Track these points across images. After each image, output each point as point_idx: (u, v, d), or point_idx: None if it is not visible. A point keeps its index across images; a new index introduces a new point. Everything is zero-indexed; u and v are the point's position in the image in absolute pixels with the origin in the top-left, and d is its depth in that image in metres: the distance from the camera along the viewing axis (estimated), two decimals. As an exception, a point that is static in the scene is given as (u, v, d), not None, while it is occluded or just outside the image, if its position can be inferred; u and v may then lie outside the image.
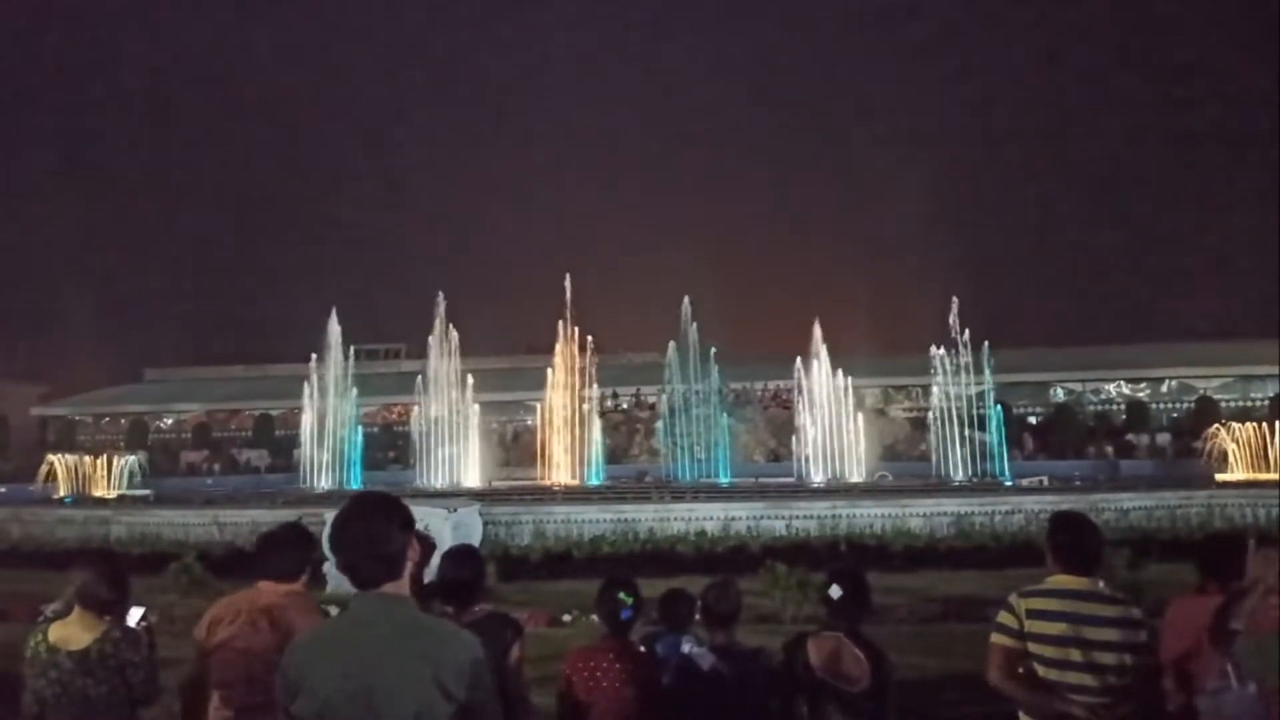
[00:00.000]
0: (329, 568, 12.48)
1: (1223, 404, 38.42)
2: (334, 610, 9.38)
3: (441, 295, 25.61)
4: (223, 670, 3.78)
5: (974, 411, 24.57)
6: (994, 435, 24.17)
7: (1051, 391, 43.63)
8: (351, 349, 27.05)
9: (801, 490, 20.02)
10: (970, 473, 23.62)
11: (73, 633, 3.75)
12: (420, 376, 26.62)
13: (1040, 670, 3.56)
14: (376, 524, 2.53)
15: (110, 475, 24.23)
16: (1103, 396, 44.03)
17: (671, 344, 26.23)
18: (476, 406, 25.57)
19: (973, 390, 24.92)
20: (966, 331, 24.79)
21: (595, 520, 13.88)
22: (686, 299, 25.56)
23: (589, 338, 25.99)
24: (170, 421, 49.89)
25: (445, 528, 11.24)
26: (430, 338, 25.96)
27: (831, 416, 24.25)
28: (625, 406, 34.60)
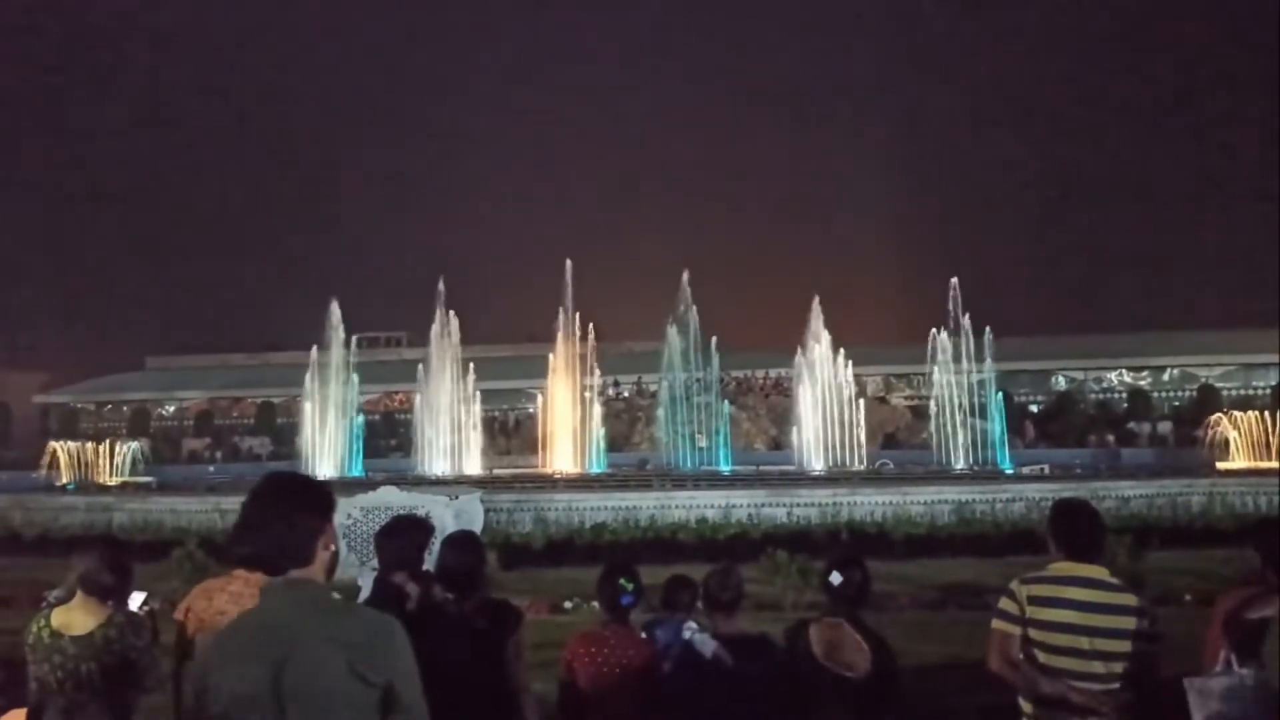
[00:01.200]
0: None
1: (1224, 392, 38.41)
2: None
3: (442, 283, 25.58)
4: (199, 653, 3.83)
5: (975, 399, 24.55)
6: (995, 423, 24.16)
7: (1053, 380, 43.65)
8: (354, 337, 27.03)
9: (803, 478, 20.03)
10: (971, 461, 23.62)
11: (76, 618, 3.77)
12: (421, 364, 26.61)
13: (1041, 657, 3.57)
14: (281, 508, 2.39)
15: (112, 462, 24.28)
16: (1104, 385, 44.05)
17: (672, 329, 26.16)
18: (478, 394, 25.57)
19: (974, 378, 24.90)
20: (967, 317, 24.75)
21: (597, 508, 13.91)
22: (685, 274, 25.39)
23: (590, 325, 25.96)
24: (172, 409, 49.98)
25: (447, 515, 11.28)
26: (432, 326, 25.93)
27: (832, 404, 24.23)
28: (626, 395, 34.60)
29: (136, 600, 4.06)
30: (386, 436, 37.52)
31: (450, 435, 24.68)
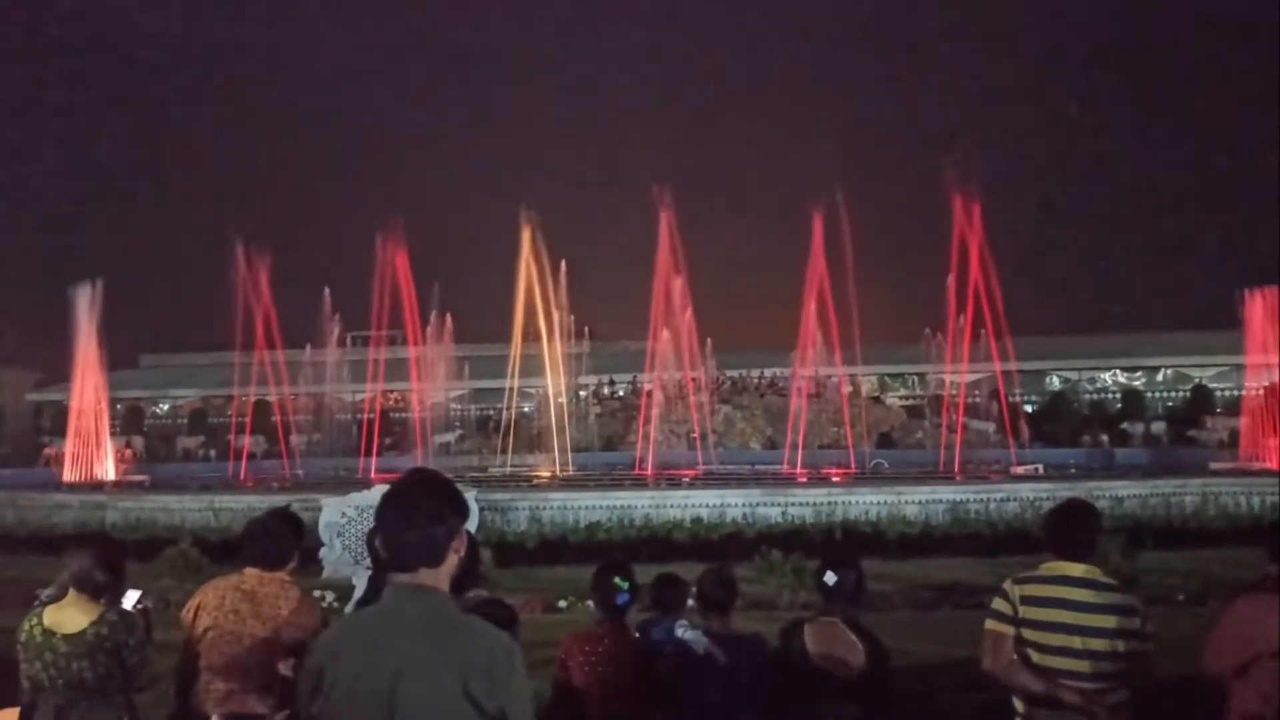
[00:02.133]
0: (325, 552, 12.55)
1: (1218, 393, 38.50)
2: (329, 595, 9.40)
3: (437, 285, 25.57)
4: (211, 655, 3.81)
5: (969, 399, 24.56)
6: (990, 423, 24.17)
7: (1047, 380, 43.72)
8: (349, 336, 27.01)
9: (797, 477, 20.04)
10: (965, 461, 23.63)
11: (68, 616, 3.75)
12: (415, 363, 26.59)
13: (1034, 656, 3.58)
14: (422, 503, 2.34)
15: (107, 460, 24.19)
16: (1098, 385, 44.15)
17: (666, 333, 26.13)
18: (472, 392, 25.55)
19: (968, 378, 24.91)
20: (962, 318, 24.79)
21: (591, 507, 13.89)
22: (680, 280, 25.35)
23: (585, 327, 25.94)
24: (166, 407, 49.85)
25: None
26: (426, 324, 25.93)
27: (828, 404, 24.23)
28: (621, 394, 34.59)
29: (131, 599, 4.05)
30: (382, 435, 37.43)
31: (444, 434, 24.64)
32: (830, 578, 3.94)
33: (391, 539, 2.35)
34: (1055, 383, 43.89)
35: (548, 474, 22.12)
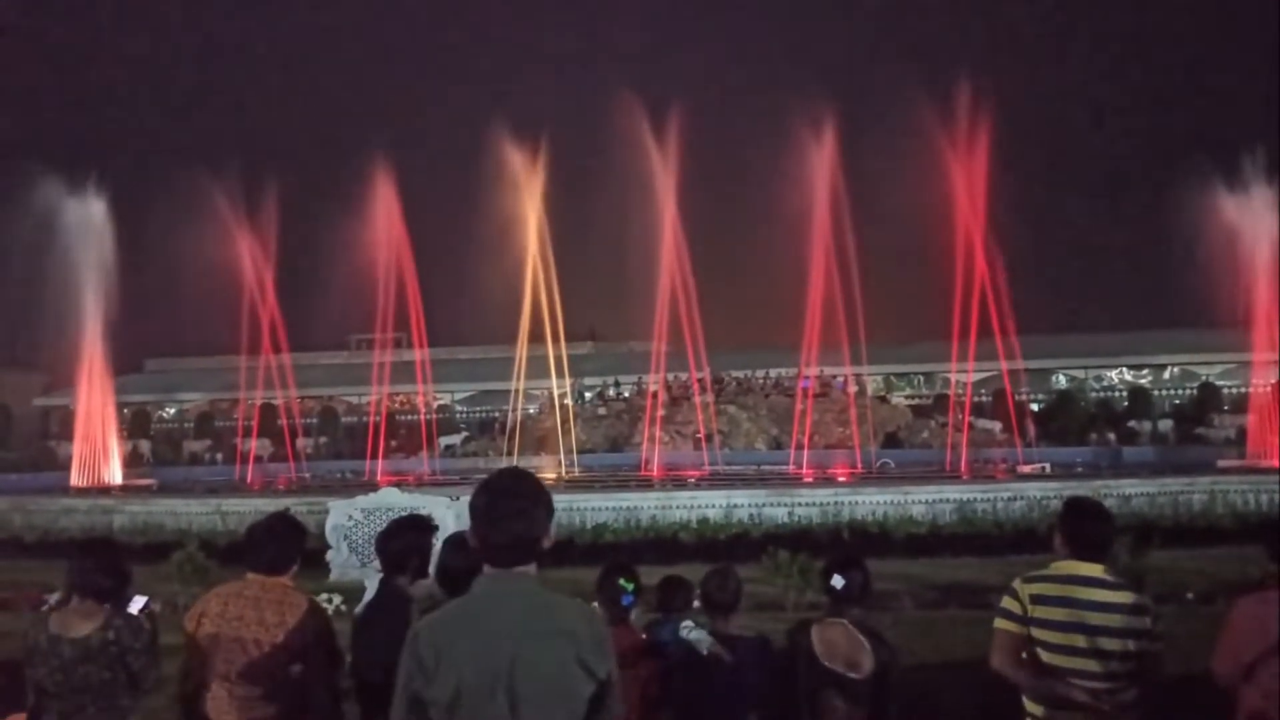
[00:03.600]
0: (332, 555, 12.55)
1: (1225, 390, 38.38)
2: (336, 598, 9.40)
3: (441, 284, 25.59)
4: (217, 662, 3.80)
5: (976, 398, 24.51)
6: (996, 422, 24.10)
7: (1054, 378, 43.59)
8: (353, 339, 27.06)
9: (803, 478, 20.02)
10: (972, 460, 23.59)
11: (73, 621, 3.76)
12: (420, 365, 26.64)
13: (1044, 656, 3.56)
14: (523, 504, 2.44)
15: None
16: (1105, 383, 44.00)
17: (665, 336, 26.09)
18: (477, 394, 25.58)
19: (975, 377, 24.86)
20: (968, 317, 24.71)
21: (597, 508, 13.89)
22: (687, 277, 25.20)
23: (592, 327, 25.94)
24: (172, 411, 49.95)
25: (448, 516, 11.25)
26: (429, 327, 25.96)
27: (833, 404, 24.19)
28: (627, 395, 34.60)
29: (137, 604, 4.05)
30: (388, 437, 37.46)
31: (450, 435, 24.65)
32: (838, 580, 3.93)
33: (493, 540, 2.43)
34: (1062, 381, 43.76)
35: (553, 476, 22.13)
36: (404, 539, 4.09)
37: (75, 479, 22.15)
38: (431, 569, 4.09)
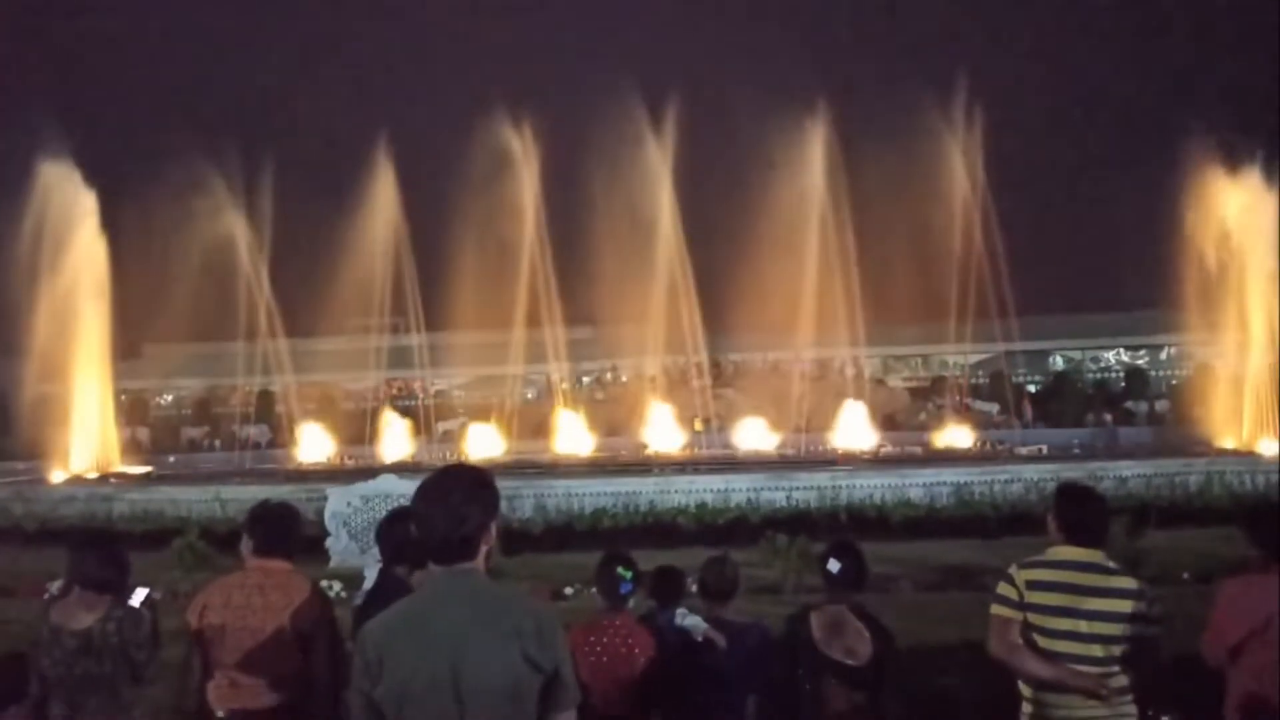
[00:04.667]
0: (331, 542, 12.58)
1: (1221, 371, 38.37)
2: (336, 585, 9.44)
3: (443, 267, 25.50)
4: (222, 651, 3.81)
5: (973, 380, 24.53)
6: (994, 404, 24.13)
7: (1050, 359, 43.57)
8: (351, 323, 26.97)
9: (801, 461, 20.04)
10: (970, 442, 23.61)
11: (74, 612, 3.77)
12: (419, 350, 26.58)
13: (1040, 641, 3.58)
14: (455, 504, 2.44)
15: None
16: (1101, 364, 44.00)
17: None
18: (476, 379, 25.57)
19: (972, 359, 24.87)
20: (968, 298, 24.68)
21: (596, 493, 13.91)
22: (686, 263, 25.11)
23: (592, 310, 25.86)
24: (170, 398, 49.80)
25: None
26: (428, 311, 25.90)
27: (831, 387, 24.18)
28: (625, 379, 34.57)
29: (139, 596, 4.05)
30: (385, 423, 37.38)
31: (449, 421, 24.66)
32: (834, 565, 3.95)
33: (427, 539, 2.46)
34: (1059, 362, 43.77)
35: (552, 461, 22.16)
36: (403, 527, 4.10)
37: (74, 466, 22.13)
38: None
